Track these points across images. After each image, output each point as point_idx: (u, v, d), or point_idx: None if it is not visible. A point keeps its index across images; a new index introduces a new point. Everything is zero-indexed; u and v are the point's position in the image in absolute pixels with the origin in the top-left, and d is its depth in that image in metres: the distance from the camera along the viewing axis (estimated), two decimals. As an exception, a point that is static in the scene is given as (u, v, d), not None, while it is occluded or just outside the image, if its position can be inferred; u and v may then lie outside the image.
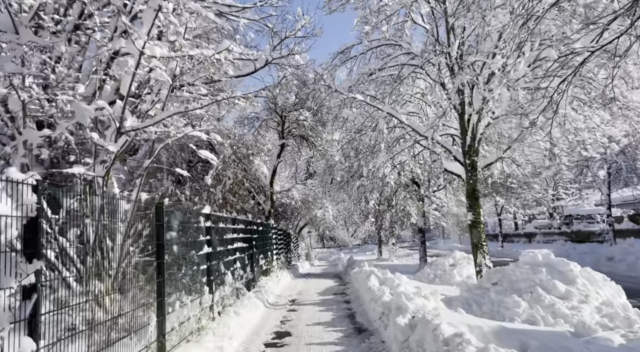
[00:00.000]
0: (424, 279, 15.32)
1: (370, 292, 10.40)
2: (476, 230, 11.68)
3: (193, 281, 6.84)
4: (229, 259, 9.49)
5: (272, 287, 13.08)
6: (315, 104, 13.87)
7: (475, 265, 11.70)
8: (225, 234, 9.21)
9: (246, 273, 11.13)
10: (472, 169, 11.65)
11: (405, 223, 19.09)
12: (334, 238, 50.37)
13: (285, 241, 22.47)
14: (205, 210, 7.64)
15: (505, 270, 9.16)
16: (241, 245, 10.79)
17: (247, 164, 15.00)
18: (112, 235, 6.15)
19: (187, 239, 6.63)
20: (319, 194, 24.99)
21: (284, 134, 16.79)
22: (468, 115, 11.69)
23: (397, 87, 12.08)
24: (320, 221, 28.87)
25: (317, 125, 16.79)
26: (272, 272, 15.72)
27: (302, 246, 35.08)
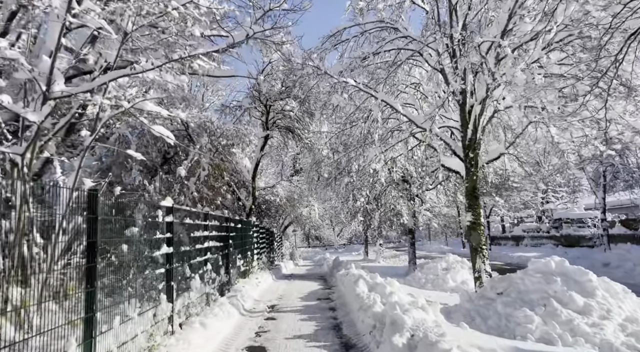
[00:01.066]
0: (415, 283, 14.18)
1: (358, 299, 9.18)
2: (475, 232, 10.54)
3: (145, 288, 5.53)
4: (198, 261, 8.18)
5: (250, 291, 11.77)
6: (302, 92, 12.61)
7: (473, 270, 10.56)
8: (193, 231, 7.90)
9: (220, 276, 9.81)
10: (473, 165, 10.51)
11: (395, 223, 17.95)
12: (320, 237, 49.20)
13: (268, 239, 21.16)
14: (166, 202, 6.32)
15: (513, 278, 8.01)
16: (214, 244, 9.48)
17: (227, 155, 13.68)
18: (43, 231, 4.85)
19: (137, 236, 5.31)
20: (305, 191, 23.72)
21: (269, 125, 15.42)
22: (469, 106, 10.55)
23: (392, 73, 10.89)
24: (306, 219, 27.62)
25: (304, 117, 15.48)
26: (251, 273, 14.41)
27: (287, 245, 33.78)
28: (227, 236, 10.96)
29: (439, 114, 10.49)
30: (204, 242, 8.49)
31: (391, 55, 11.70)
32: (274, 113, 15.48)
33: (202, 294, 8.27)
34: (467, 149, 10.56)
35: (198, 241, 8.22)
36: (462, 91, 10.45)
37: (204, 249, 8.56)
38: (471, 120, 10.47)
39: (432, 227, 18.88)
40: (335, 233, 47.63)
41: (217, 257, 9.71)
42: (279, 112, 15.42)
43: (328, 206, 28.43)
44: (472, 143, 10.51)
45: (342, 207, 21.43)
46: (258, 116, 15.58)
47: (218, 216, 10.11)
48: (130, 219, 5.12)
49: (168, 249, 6.29)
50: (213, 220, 9.46)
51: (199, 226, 8.39)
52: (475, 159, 10.56)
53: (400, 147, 13.25)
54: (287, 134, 16.55)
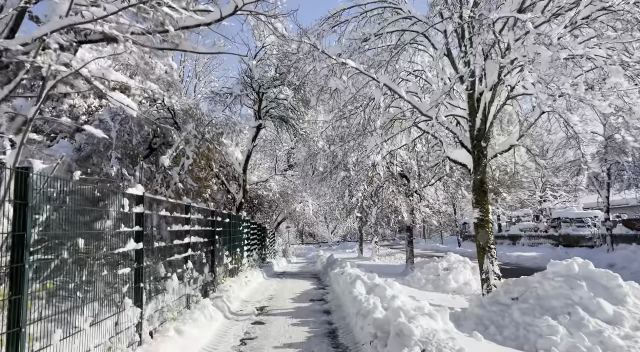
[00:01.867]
0: (415, 284, 13.30)
1: (356, 303, 8.26)
2: (484, 230, 9.65)
3: (105, 291, 4.57)
4: (177, 259, 7.22)
5: (237, 291, 10.83)
6: (297, 78, 11.64)
7: (480, 271, 9.68)
8: (172, 225, 6.93)
9: (204, 275, 8.86)
10: (481, 158, 9.62)
11: (393, 220, 17.06)
12: (314, 234, 48.29)
13: (260, 236, 20.20)
14: (134, 190, 5.36)
15: (530, 282, 7.13)
16: (198, 240, 8.52)
17: (217, 145, 12.71)
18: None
19: (95, 229, 4.36)
20: (299, 187, 22.79)
21: (261, 114, 14.40)
22: (479, 93, 9.65)
23: (395, 57, 9.97)
24: (300, 216, 26.69)
25: (299, 106, 14.52)
26: (241, 272, 13.47)
27: (280, 242, 32.83)
28: (213, 232, 10.00)
29: (446, 102, 9.59)
30: (184, 238, 7.53)
31: (393, 39, 10.79)
32: (267, 102, 14.48)
33: (182, 296, 7.31)
34: (476, 139, 9.66)
35: (177, 236, 7.26)
36: (471, 77, 9.54)
37: (184, 245, 7.60)
38: (480, 109, 9.57)
39: (431, 224, 17.97)
40: (329, 230, 46.73)
41: (201, 255, 8.76)
42: (273, 100, 14.43)
43: (323, 202, 27.52)
44: (481, 133, 9.61)
45: (337, 204, 20.55)
46: (250, 105, 14.59)
47: (203, 209, 9.16)
48: (84, 208, 4.16)
49: (137, 246, 5.32)
50: (196, 213, 8.49)
51: (180, 219, 7.43)
52: (485, 150, 9.67)
53: (401, 138, 12.35)
54: (281, 124, 15.56)
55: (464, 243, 41.46)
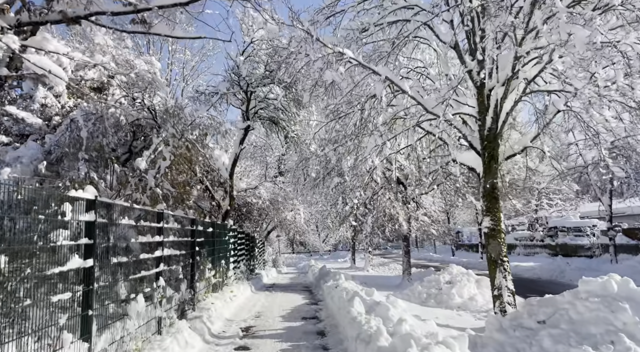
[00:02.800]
0: (415, 298, 12.21)
1: (355, 324, 7.15)
2: (495, 241, 8.62)
3: (31, 325, 3.43)
4: (145, 275, 6.06)
5: (221, 308, 9.65)
6: (288, 74, 10.60)
7: (492, 287, 8.62)
8: (137, 236, 5.79)
9: (180, 293, 7.69)
10: (492, 160, 8.63)
11: (390, 229, 16.01)
12: (305, 243, 47.02)
13: (249, 246, 19.00)
14: (82, 193, 4.23)
15: (558, 302, 6.09)
16: (173, 253, 7.37)
17: (201, 147, 11.58)
18: None
19: (19, 243, 3.23)
20: (290, 193, 21.65)
21: (249, 114, 13.26)
22: (489, 88, 8.68)
23: (396, 50, 8.98)
24: (291, 224, 25.49)
25: (290, 106, 13.42)
26: (225, 286, 12.28)
27: (270, 252, 31.58)
28: (192, 242, 8.84)
29: (452, 99, 8.61)
30: (154, 251, 6.38)
31: (393, 31, 9.83)
32: (256, 101, 13.37)
33: (150, 319, 6.14)
34: (486, 140, 8.67)
35: (146, 248, 6.11)
36: (481, 70, 8.58)
37: (156, 259, 6.45)
38: (491, 106, 8.59)
39: (430, 234, 16.94)
40: (320, 239, 45.51)
41: (176, 269, 7.59)
42: (262, 100, 13.33)
43: (314, 210, 26.40)
44: (491, 133, 8.62)
45: (330, 211, 19.45)
46: (238, 104, 13.46)
47: (180, 216, 8.01)
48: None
49: (84, 263, 4.18)
50: (172, 222, 7.35)
51: (149, 229, 6.28)
52: (496, 152, 8.68)
53: (400, 141, 11.32)
54: (270, 126, 14.45)
55: (458, 252, 40.54)
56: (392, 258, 42.38)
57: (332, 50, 7.79)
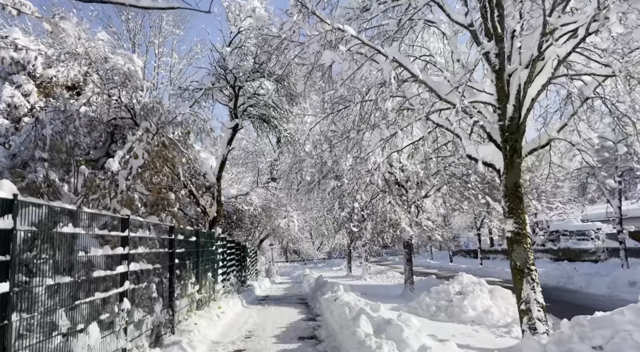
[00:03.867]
0: (423, 312, 10.97)
1: (363, 350, 5.90)
2: (520, 247, 7.44)
3: None
4: (100, 298, 4.77)
5: (205, 329, 8.33)
6: (280, 65, 9.43)
7: (518, 300, 7.42)
8: (89, 248, 4.51)
9: (154, 314, 6.39)
10: (515, 155, 7.48)
11: (391, 235, 14.80)
12: (298, 251, 45.63)
13: (240, 255, 17.67)
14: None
15: (617, 323, 4.89)
16: (144, 267, 6.08)
17: (184, 148, 10.32)
18: None
19: None
20: (283, 199, 20.39)
21: (238, 112, 11.98)
22: (509, 73, 7.56)
23: (404, 28, 7.85)
24: (284, 232, 24.21)
25: (282, 102, 12.20)
26: (213, 301, 10.97)
27: (262, 261, 30.20)
28: (171, 254, 7.56)
29: (468, 85, 7.48)
30: (115, 266, 5.09)
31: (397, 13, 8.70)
32: (245, 98, 12.14)
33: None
34: (507, 131, 7.52)
35: (103, 263, 4.83)
36: (499, 53, 7.47)
37: (116, 276, 5.16)
38: (512, 92, 7.46)
39: (434, 239, 15.74)
40: (315, 247, 44.13)
41: (149, 287, 6.30)
42: (251, 96, 12.10)
43: (309, 217, 25.10)
44: (513, 124, 7.48)
45: (325, 217, 18.20)
46: (225, 101, 12.20)
47: (155, 224, 6.73)
48: None
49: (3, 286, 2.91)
50: (142, 230, 6.06)
51: (109, 239, 5.01)
52: (519, 144, 7.53)
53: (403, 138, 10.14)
54: (261, 125, 13.20)
55: (455, 258, 39.40)
56: (389, 265, 41.09)
57: (330, 27, 6.62)
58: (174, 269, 7.57)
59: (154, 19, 25.22)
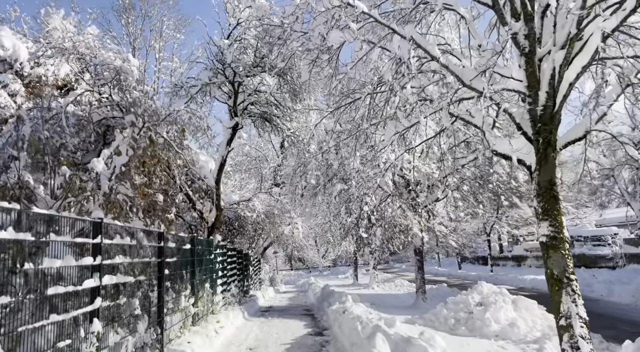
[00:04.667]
0: (440, 324, 9.95)
1: (382, 378, 4.92)
2: (557, 253, 6.44)
3: None
4: (63, 320, 3.84)
5: (200, 347, 7.36)
6: (283, 57, 8.57)
7: (556, 315, 6.40)
8: (41, 258, 3.58)
9: (136, 335, 5.43)
10: (549, 148, 6.52)
11: (402, 241, 13.80)
12: (303, 259, 44.53)
13: (242, 264, 16.71)
14: None
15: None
16: (123, 279, 5.15)
17: (180, 149, 9.42)
18: None
19: None
20: (287, 205, 19.45)
21: (238, 110, 11.05)
22: (540, 57, 6.64)
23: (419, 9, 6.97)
24: (288, 239, 23.24)
25: (284, 99, 11.28)
26: (211, 314, 10.01)
27: (266, 269, 29.18)
28: (159, 263, 6.62)
29: (494, 71, 6.56)
30: (83, 281, 4.16)
31: None
32: (245, 95, 11.23)
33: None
34: (540, 121, 6.57)
35: (68, 277, 3.90)
36: (529, 34, 6.57)
37: (83, 292, 4.23)
38: (545, 77, 6.51)
39: (447, 245, 14.75)
40: (320, 254, 43.04)
41: (129, 303, 5.36)
42: (252, 93, 11.18)
43: (314, 224, 24.15)
44: (547, 113, 6.52)
45: (332, 223, 17.24)
46: (223, 98, 11.28)
47: (139, 229, 5.81)
48: None
49: None
50: (120, 236, 5.13)
51: (75, 248, 4.08)
52: (554, 136, 6.58)
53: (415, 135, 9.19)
54: (263, 124, 12.26)
55: (464, 265, 38.20)
56: (395, 273, 39.96)
57: (339, 2, 5.74)
58: (164, 281, 6.63)
59: (154, 22, 24.57)
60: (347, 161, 11.09)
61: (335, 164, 13.63)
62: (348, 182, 13.83)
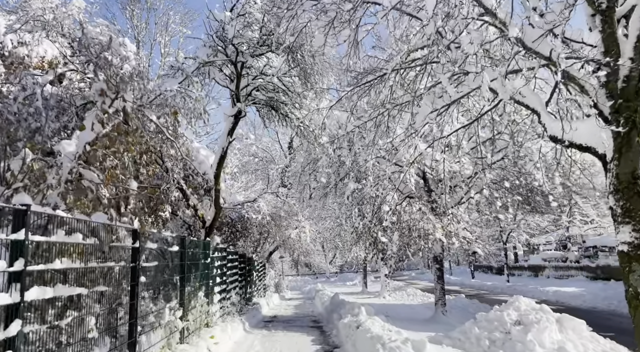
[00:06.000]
0: (472, 346, 8.39)
1: None
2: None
3: None
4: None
5: (185, 374, 5.91)
6: (292, 31, 7.19)
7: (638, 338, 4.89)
8: None
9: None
10: (633, 130, 5.04)
11: (420, 248, 12.28)
12: (310, 264, 42.92)
13: (244, 269, 15.27)
14: None
15: None
16: (67, 293, 3.72)
17: (172, 136, 8.03)
18: None
19: None
20: (294, 207, 18.01)
21: (240, 96, 9.56)
22: (621, 15, 5.19)
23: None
24: (295, 243, 21.77)
25: (294, 84, 9.78)
26: (205, 328, 8.56)
27: (272, 274, 27.71)
28: (133, 269, 5.20)
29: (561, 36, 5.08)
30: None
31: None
32: (249, 78, 9.78)
33: None
34: (621, 96, 5.09)
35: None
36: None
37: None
38: (630, 41, 5.06)
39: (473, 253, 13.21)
40: (327, 260, 41.43)
41: (80, 323, 3.92)
42: (257, 77, 9.72)
43: (322, 228, 22.68)
44: (631, 86, 5.06)
45: (342, 227, 15.77)
46: (225, 82, 9.81)
47: (102, 224, 4.40)
48: None
49: None
50: (65, 233, 3.71)
51: None
52: (635, 117, 5.09)
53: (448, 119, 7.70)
54: (269, 113, 10.77)
55: (477, 274, 36.37)
56: (406, 280, 38.27)
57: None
58: (138, 292, 5.20)
59: (159, 15, 23.40)
60: (364, 155, 9.64)
61: (348, 161, 12.19)
62: (362, 182, 12.37)
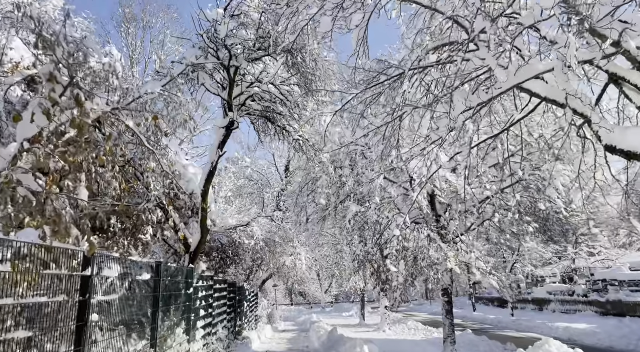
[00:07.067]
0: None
1: None
2: None
3: None
4: None
5: None
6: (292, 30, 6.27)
7: None
8: None
9: None
10: None
11: (431, 279, 11.03)
12: (304, 294, 41.13)
13: (234, 300, 13.88)
14: None
15: None
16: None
17: (155, 148, 7.00)
18: None
19: None
20: (290, 232, 16.76)
21: (233, 105, 8.47)
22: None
23: None
24: (290, 271, 20.40)
25: (292, 93, 8.72)
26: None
27: (265, 304, 26.08)
28: (83, 304, 3.98)
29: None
30: None
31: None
32: (243, 86, 8.74)
33: None
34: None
35: None
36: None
37: None
38: None
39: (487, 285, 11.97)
40: (322, 289, 39.69)
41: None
42: (252, 85, 8.71)
43: (319, 255, 21.34)
44: None
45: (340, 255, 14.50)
46: (216, 90, 8.77)
47: (25, 243, 3.23)
48: None
49: None
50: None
51: None
52: None
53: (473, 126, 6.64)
54: (265, 126, 9.70)
55: (478, 306, 34.71)
56: (404, 312, 36.49)
57: None
58: (86, 334, 3.96)
59: (155, 34, 22.79)
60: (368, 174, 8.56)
61: (350, 181, 11.11)
62: (365, 204, 11.25)
